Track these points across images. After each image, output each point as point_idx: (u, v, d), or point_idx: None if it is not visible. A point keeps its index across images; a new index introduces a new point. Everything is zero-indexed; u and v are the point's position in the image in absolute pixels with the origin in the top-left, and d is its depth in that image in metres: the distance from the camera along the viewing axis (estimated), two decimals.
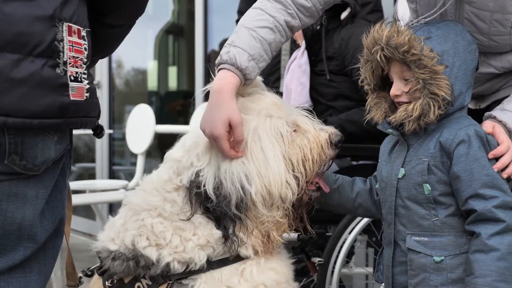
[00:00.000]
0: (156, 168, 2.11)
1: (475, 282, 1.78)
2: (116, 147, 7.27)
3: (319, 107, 3.43)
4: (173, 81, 7.26)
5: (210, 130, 1.95)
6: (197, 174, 1.96)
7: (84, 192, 5.01)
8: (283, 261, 2.04)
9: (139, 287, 1.94)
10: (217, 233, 1.93)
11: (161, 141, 6.23)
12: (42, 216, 1.63)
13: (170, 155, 2.06)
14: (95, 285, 2.04)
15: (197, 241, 1.93)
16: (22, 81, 1.49)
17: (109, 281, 1.97)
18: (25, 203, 1.60)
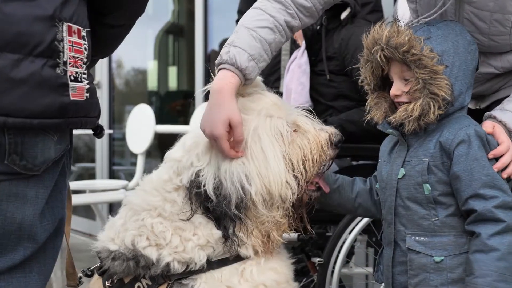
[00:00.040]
0: (156, 168, 2.11)
1: (475, 282, 1.78)
2: (116, 147, 7.27)
3: (319, 107, 3.43)
4: (173, 81, 7.26)
5: (210, 130, 1.95)
6: (197, 174, 1.96)
7: (84, 192, 5.01)
8: (283, 261, 2.04)
9: (139, 287, 1.94)
10: (217, 233, 1.93)
11: (161, 141, 6.23)
12: (42, 216, 1.63)
13: (170, 155, 2.06)
14: (95, 285, 2.04)
15: (197, 241, 1.93)
16: (22, 81, 1.49)
17: (109, 281, 1.97)
18: (25, 203, 1.60)
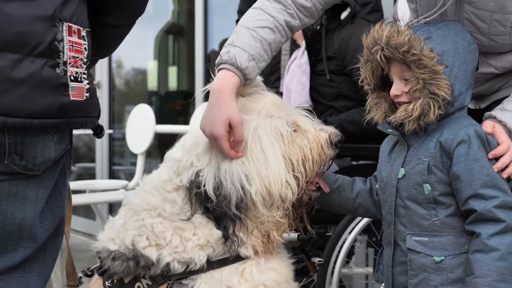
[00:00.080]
0: (156, 168, 2.11)
1: (475, 282, 1.78)
2: (116, 147, 7.27)
3: (319, 107, 3.43)
4: (173, 81, 7.26)
5: (210, 130, 1.95)
6: (197, 174, 1.96)
7: (84, 192, 5.01)
8: (283, 261, 2.04)
9: (139, 287, 1.94)
10: (217, 233, 1.93)
11: (161, 141, 6.23)
12: (42, 216, 1.63)
13: (170, 155, 2.06)
14: (95, 285, 2.04)
15: (197, 241, 1.93)
16: (22, 81, 1.49)
17: (109, 281, 1.97)
18: (25, 203, 1.59)
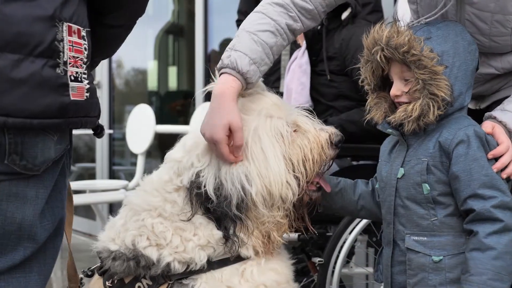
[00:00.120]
0: (156, 168, 2.11)
1: (470, 280, 1.78)
2: (116, 147, 7.27)
3: (319, 107, 3.43)
4: (173, 81, 7.26)
5: (210, 134, 1.95)
6: (197, 174, 1.96)
7: (84, 192, 5.01)
8: (284, 261, 2.05)
9: (140, 287, 1.94)
10: (218, 233, 1.93)
11: (161, 141, 6.23)
12: (42, 216, 1.63)
13: (170, 155, 2.07)
14: (96, 285, 2.04)
15: (197, 242, 1.93)
16: (22, 81, 1.49)
17: (110, 281, 1.97)
18: (25, 203, 1.59)
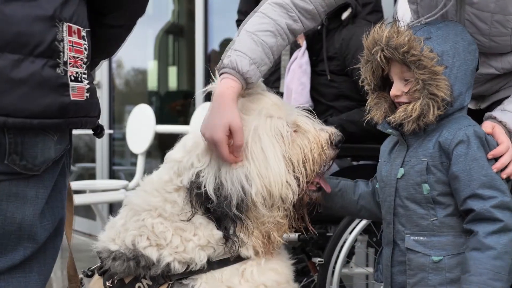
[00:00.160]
0: (156, 168, 2.11)
1: (470, 280, 1.78)
2: (116, 147, 7.27)
3: (319, 107, 3.42)
4: (173, 81, 7.26)
5: (210, 134, 1.95)
6: (197, 174, 1.96)
7: (84, 192, 5.01)
8: (284, 261, 2.05)
9: (140, 287, 1.94)
10: (218, 233, 1.93)
11: (161, 141, 6.23)
12: (42, 216, 1.63)
13: (170, 155, 2.07)
14: (96, 285, 2.04)
15: (197, 242, 1.93)
16: (22, 81, 1.49)
17: (110, 281, 1.97)
18: (25, 203, 1.59)
